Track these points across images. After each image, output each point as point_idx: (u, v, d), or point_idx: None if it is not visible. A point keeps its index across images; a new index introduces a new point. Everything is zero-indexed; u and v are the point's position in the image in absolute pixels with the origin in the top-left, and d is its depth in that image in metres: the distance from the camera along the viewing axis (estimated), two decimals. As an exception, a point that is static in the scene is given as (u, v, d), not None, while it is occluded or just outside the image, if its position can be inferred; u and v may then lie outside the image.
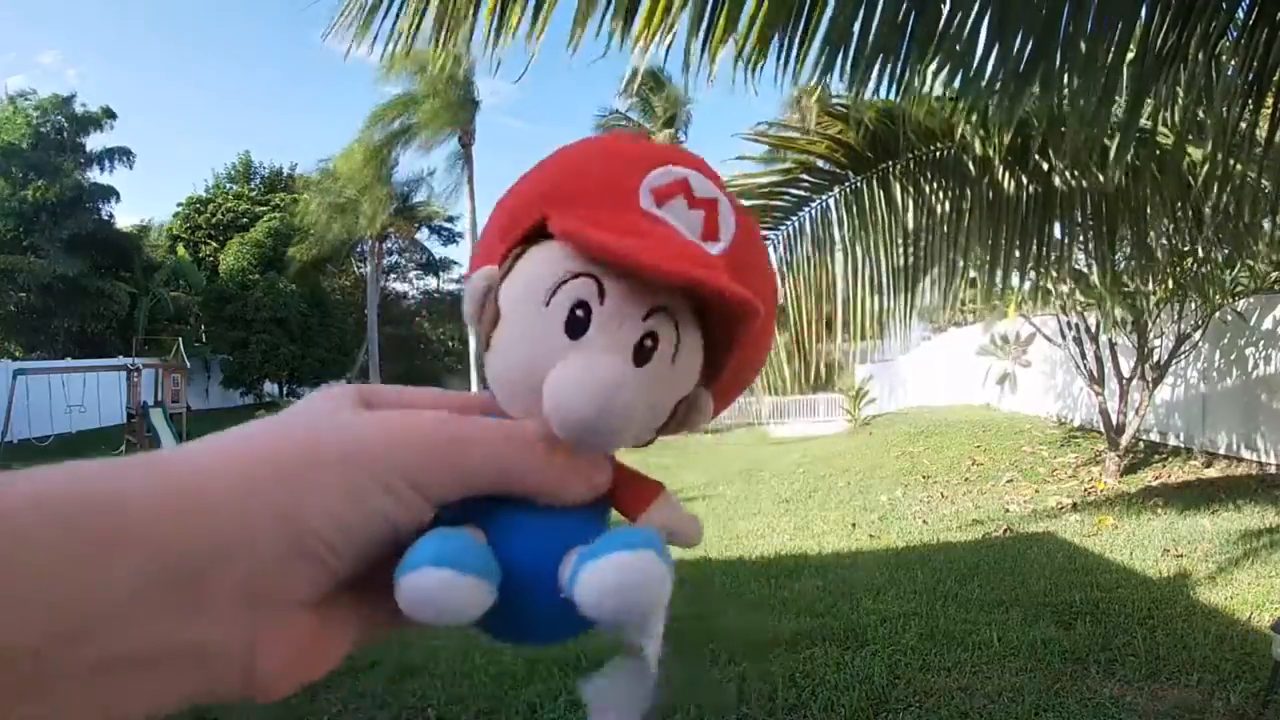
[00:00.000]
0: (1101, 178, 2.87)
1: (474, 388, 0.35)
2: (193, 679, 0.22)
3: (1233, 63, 2.13)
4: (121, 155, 21.21)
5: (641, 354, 0.27)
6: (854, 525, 6.27)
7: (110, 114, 20.83)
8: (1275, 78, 2.03)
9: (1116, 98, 2.09)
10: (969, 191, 3.40)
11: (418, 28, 2.09)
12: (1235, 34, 2.06)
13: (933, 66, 2.08)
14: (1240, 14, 2.02)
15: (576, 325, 0.26)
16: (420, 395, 0.32)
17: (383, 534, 0.25)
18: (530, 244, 0.28)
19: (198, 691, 0.22)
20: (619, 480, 0.29)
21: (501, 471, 0.26)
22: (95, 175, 20.92)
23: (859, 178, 3.67)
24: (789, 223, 3.91)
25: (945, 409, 11.91)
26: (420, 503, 0.25)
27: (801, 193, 3.82)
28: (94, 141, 20.79)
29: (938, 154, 3.51)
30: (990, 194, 3.34)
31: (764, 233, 3.95)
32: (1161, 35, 1.96)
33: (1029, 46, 1.97)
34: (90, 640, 0.20)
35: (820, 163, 3.76)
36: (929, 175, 3.55)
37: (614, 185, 0.28)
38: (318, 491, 0.23)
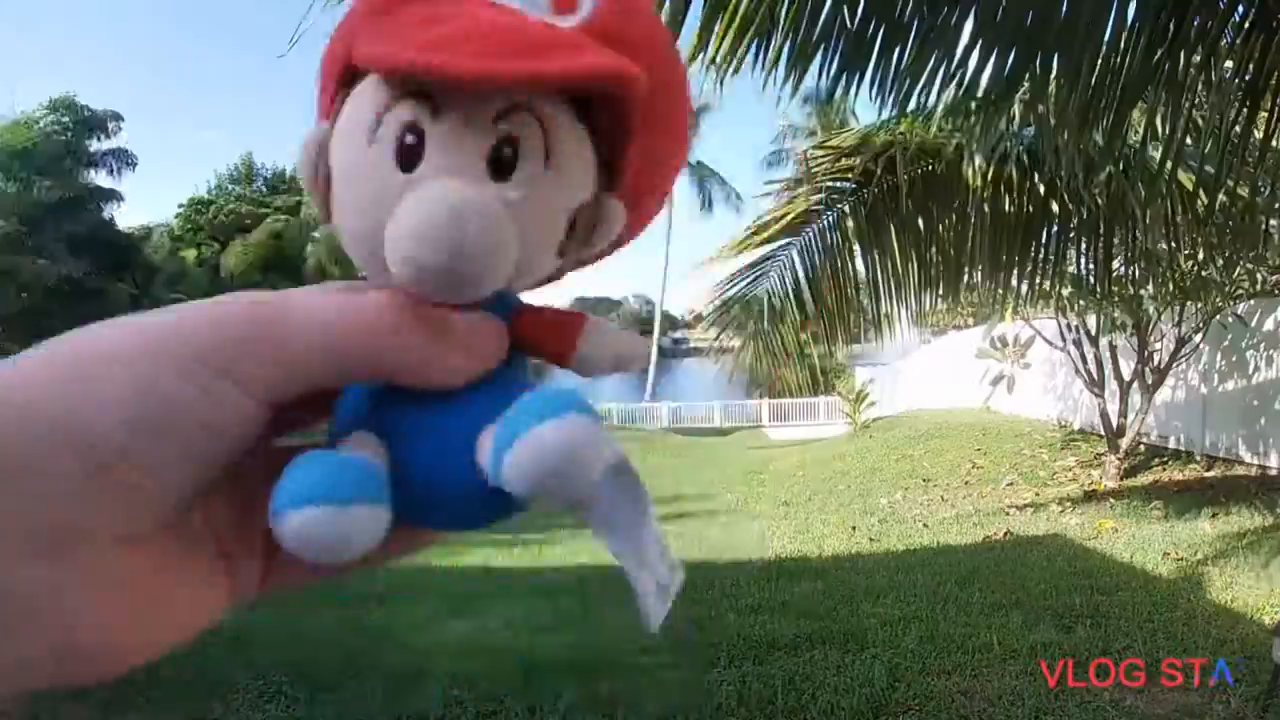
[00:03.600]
0: (1085, 197, 2.89)
1: None
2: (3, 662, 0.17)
3: (1229, 66, 2.14)
4: (124, 157, 21.26)
5: (500, 166, 0.22)
6: (854, 528, 6.26)
7: (117, 117, 20.89)
8: (1273, 81, 2.04)
9: (1104, 106, 2.10)
10: (968, 201, 3.42)
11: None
12: (1231, 37, 2.07)
13: (923, 76, 2.09)
14: (1236, 17, 2.03)
15: (408, 154, 0.21)
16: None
17: (201, 440, 0.19)
18: (349, 86, 0.23)
19: (4, 666, 0.17)
20: (529, 326, 0.24)
21: (339, 354, 0.21)
22: (99, 178, 20.99)
23: (867, 191, 3.70)
24: (806, 231, 3.95)
25: (945, 412, 11.90)
26: (238, 396, 0.20)
27: (817, 206, 3.86)
28: (99, 144, 20.84)
29: (935, 169, 3.53)
30: (987, 206, 3.36)
31: (783, 241, 3.99)
32: (1152, 40, 1.97)
33: (1014, 53, 1.99)
34: None
35: (832, 181, 3.81)
36: (930, 188, 3.58)
37: None
38: (103, 385, 0.18)
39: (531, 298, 0.26)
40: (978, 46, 2.03)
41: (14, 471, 0.17)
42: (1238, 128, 2.22)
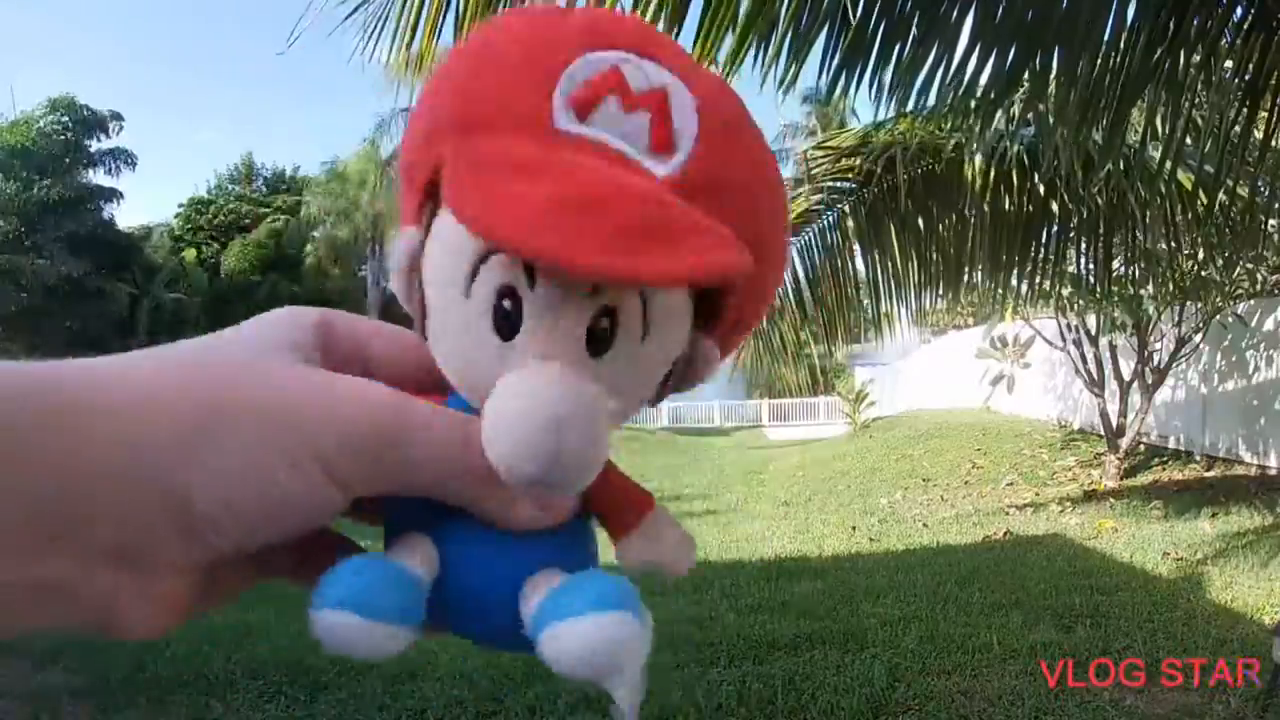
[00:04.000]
0: (1085, 196, 2.89)
1: None
2: (48, 613, 0.20)
3: (1229, 65, 2.14)
4: (124, 156, 21.25)
5: (597, 340, 0.21)
6: (854, 528, 6.27)
7: (117, 117, 20.88)
8: (1273, 81, 2.04)
9: (1104, 105, 2.10)
10: (968, 200, 3.42)
11: (437, 33, 2.10)
12: (1231, 36, 2.07)
13: (923, 73, 2.09)
14: (1236, 17, 2.03)
15: (506, 322, 0.21)
16: (395, 339, 0.26)
17: (289, 525, 0.21)
18: (432, 197, 0.22)
19: (53, 624, 0.20)
20: (604, 487, 0.24)
21: (442, 486, 0.22)
22: (99, 178, 20.98)
23: (867, 190, 3.70)
24: (805, 231, 3.95)
25: (945, 412, 11.91)
26: (333, 492, 0.21)
27: (817, 205, 3.86)
28: (99, 144, 20.84)
29: (935, 169, 3.53)
30: (987, 206, 3.36)
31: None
32: (1151, 39, 1.97)
33: (1014, 51, 1.98)
34: None
35: (832, 180, 3.81)
36: (930, 188, 3.58)
37: (516, 103, 0.21)
38: (214, 456, 0.20)
39: None
40: (978, 45, 2.03)
41: (104, 507, 0.19)
42: (1238, 128, 2.22)
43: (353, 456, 0.21)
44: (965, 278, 3.74)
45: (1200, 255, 4.25)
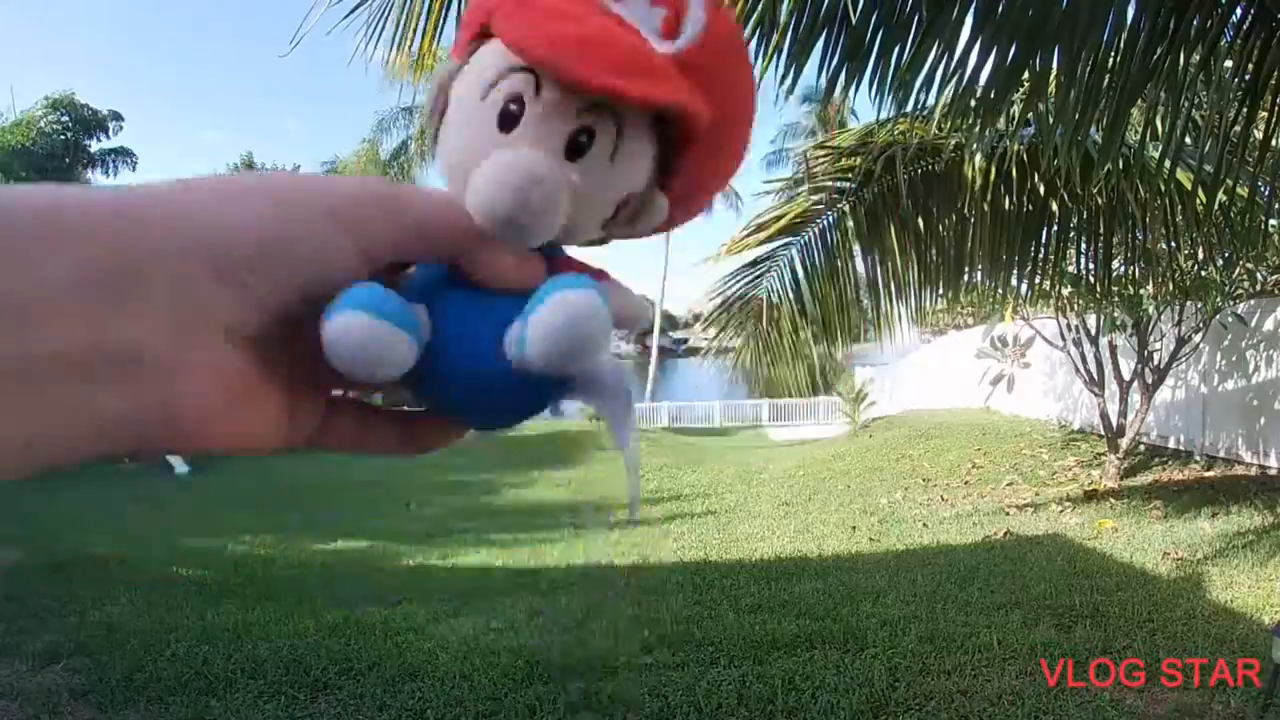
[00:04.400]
0: (1085, 196, 2.89)
1: None
2: (122, 394, 0.21)
3: (1229, 65, 2.14)
4: (124, 157, 21.25)
5: (574, 149, 0.27)
6: (854, 528, 6.27)
7: (118, 117, 20.87)
8: (1273, 81, 2.04)
9: (1104, 105, 2.10)
10: (968, 200, 3.41)
11: (438, 33, 2.10)
12: (1231, 36, 2.07)
13: (923, 73, 2.09)
14: (1236, 17, 2.03)
15: (508, 119, 0.26)
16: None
17: (310, 273, 0.24)
18: (486, 39, 0.28)
19: (125, 415, 0.21)
20: (564, 269, 0.29)
21: (434, 238, 0.27)
22: (99, 178, 20.96)
23: (867, 190, 3.70)
24: (805, 231, 3.95)
25: (945, 412, 11.91)
26: (350, 250, 0.25)
27: (816, 205, 3.86)
28: (99, 144, 20.82)
29: (934, 169, 3.53)
30: (987, 206, 3.35)
31: (783, 241, 4.00)
32: (1151, 38, 1.97)
33: (1014, 50, 1.98)
34: (19, 330, 0.19)
35: (832, 180, 3.80)
36: (930, 188, 3.58)
37: None
38: (249, 208, 0.24)
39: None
40: (977, 43, 2.03)
41: (155, 270, 0.22)
42: (1238, 127, 2.21)
43: (361, 212, 0.25)
44: (965, 278, 3.74)
45: (1200, 255, 4.25)
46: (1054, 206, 3.34)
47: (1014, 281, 3.78)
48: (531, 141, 0.26)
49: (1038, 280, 3.79)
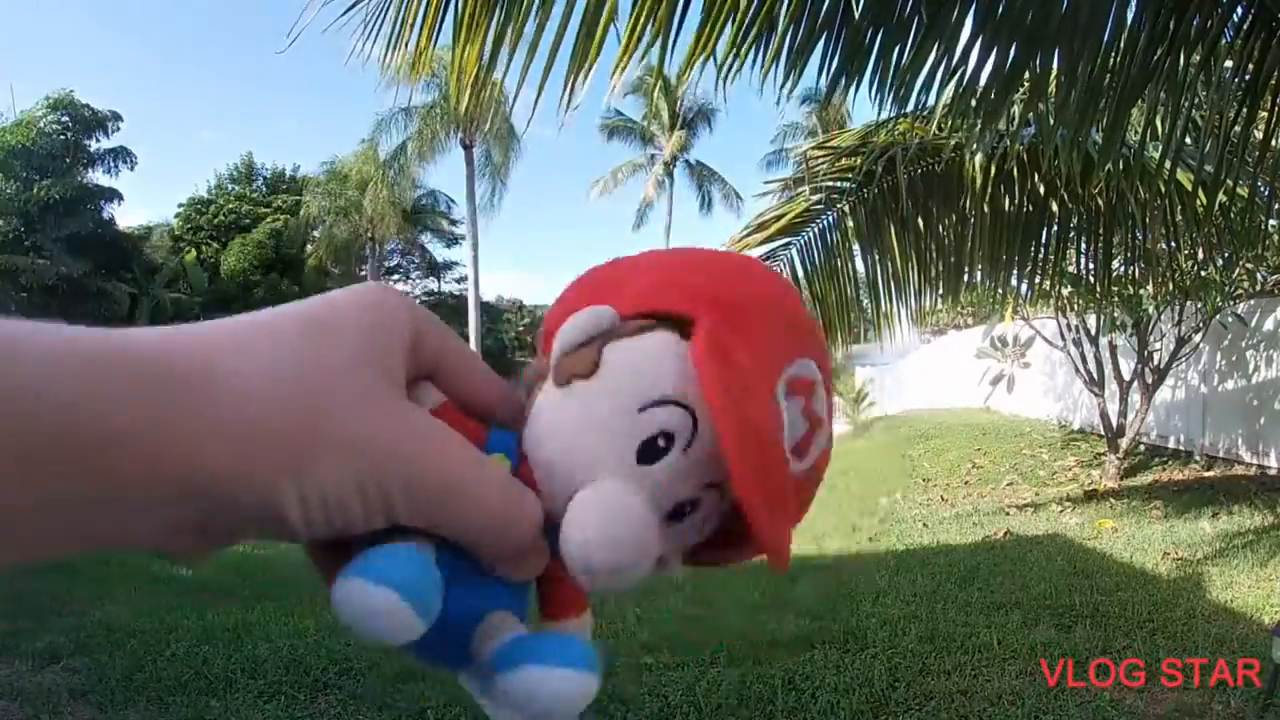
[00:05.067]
0: (1085, 196, 2.89)
1: None
2: (110, 537, 0.22)
3: (1229, 65, 2.14)
4: (124, 156, 21.25)
5: (676, 514, 0.25)
6: (854, 528, 6.27)
7: (117, 116, 20.87)
8: (1273, 81, 2.04)
9: (1104, 105, 2.10)
10: (968, 200, 3.42)
11: (435, 34, 2.09)
12: (1231, 36, 2.07)
13: (923, 73, 2.09)
14: (1236, 17, 2.03)
15: (651, 452, 0.24)
16: (480, 381, 0.28)
17: (339, 526, 0.23)
18: (664, 324, 0.26)
19: (121, 544, 0.22)
20: (561, 577, 0.27)
21: (479, 542, 0.25)
22: (99, 177, 20.97)
23: (867, 190, 3.70)
24: (805, 231, 3.95)
25: (945, 412, 11.91)
26: (379, 520, 0.23)
27: (816, 205, 3.86)
28: (99, 144, 20.82)
29: (934, 169, 3.53)
30: (987, 206, 3.35)
31: (783, 240, 4.00)
32: (1151, 38, 1.97)
33: (1014, 50, 1.98)
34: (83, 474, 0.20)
35: (832, 180, 3.80)
36: (930, 188, 3.58)
37: (771, 346, 0.26)
38: (300, 475, 0.22)
39: None
40: (978, 44, 2.03)
41: (205, 497, 0.21)
42: (1238, 128, 2.21)
43: (411, 500, 0.23)
44: (965, 278, 3.74)
45: (1200, 255, 4.25)
46: (1054, 207, 3.34)
47: (1014, 281, 3.78)
48: (654, 494, 0.24)
49: (1038, 280, 3.79)
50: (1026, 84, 2.16)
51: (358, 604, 0.22)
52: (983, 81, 2.12)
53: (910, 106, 2.33)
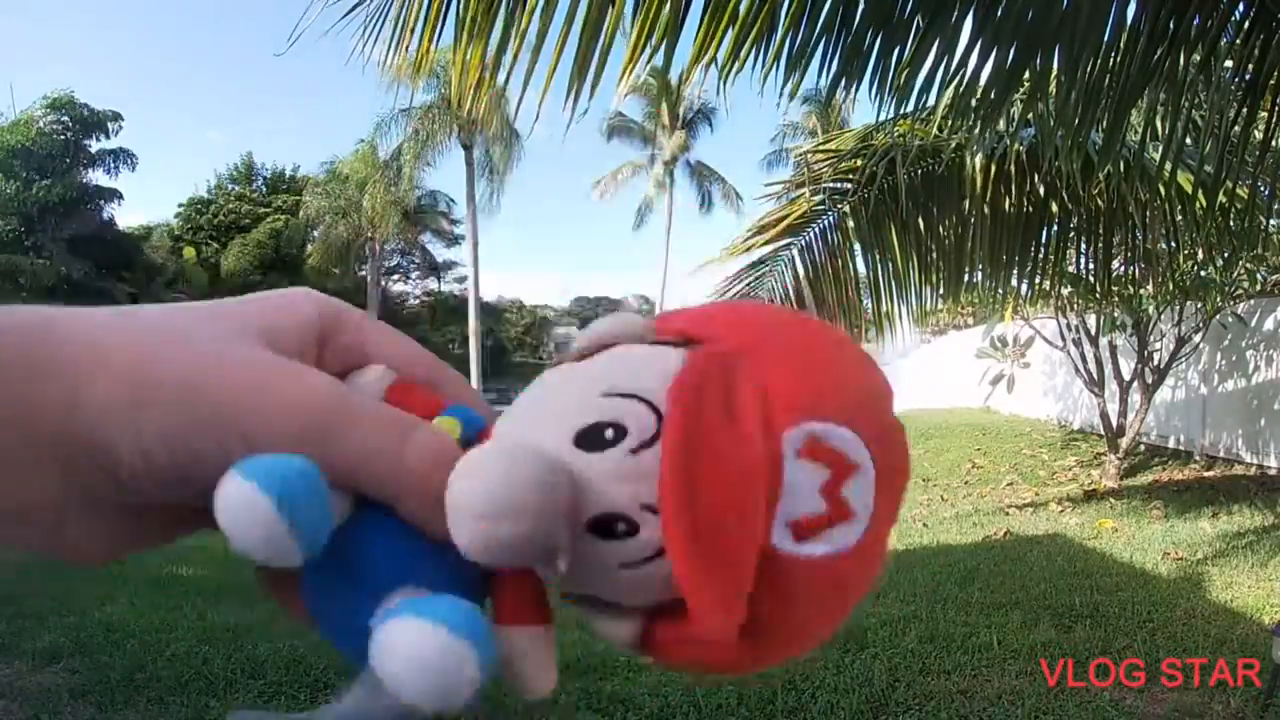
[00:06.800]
0: (1085, 197, 2.89)
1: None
2: (14, 533, 0.23)
3: (1229, 65, 2.14)
4: (124, 156, 21.25)
5: (603, 532, 0.22)
6: (854, 528, 6.26)
7: (117, 117, 20.88)
8: (1273, 81, 2.04)
9: (1104, 105, 2.10)
10: (968, 201, 3.42)
11: (436, 34, 2.09)
12: (1231, 36, 2.07)
13: (923, 73, 2.09)
14: (1236, 16, 2.03)
15: (592, 439, 0.21)
16: (401, 344, 0.27)
17: (201, 480, 0.22)
18: (682, 345, 0.24)
19: (7, 544, 0.23)
20: (508, 575, 0.24)
21: (369, 480, 0.23)
22: (99, 177, 20.98)
23: (868, 191, 3.71)
24: (805, 232, 3.95)
25: (945, 411, 11.91)
26: (248, 453, 0.22)
27: (818, 206, 3.87)
28: (99, 144, 20.83)
29: (934, 169, 3.54)
30: (987, 206, 3.36)
31: (784, 241, 4.01)
32: (1151, 38, 1.97)
33: (1014, 50, 1.98)
34: None
35: (833, 182, 3.81)
36: (930, 188, 3.58)
37: (797, 393, 0.22)
38: (141, 424, 0.21)
39: None
40: (978, 44, 2.03)
41: (53, 452, 0.21)
42: (1238, 128, 2.22)
43: (280, 445, 0.22)
44: (965, 278, 3.74)
45: (1200, 255, 4.25)
46: (1054, 207, 3.35)
47: (1014, 281, 3.78)
48: (577, 486, 0.21)
49: (1038, 280, 3.79)
50: (1026, 84, 2.16)
51: (220, 500, 0.20)
52: (982, 82, 2.12)
53: (910, 107, 2.33)
